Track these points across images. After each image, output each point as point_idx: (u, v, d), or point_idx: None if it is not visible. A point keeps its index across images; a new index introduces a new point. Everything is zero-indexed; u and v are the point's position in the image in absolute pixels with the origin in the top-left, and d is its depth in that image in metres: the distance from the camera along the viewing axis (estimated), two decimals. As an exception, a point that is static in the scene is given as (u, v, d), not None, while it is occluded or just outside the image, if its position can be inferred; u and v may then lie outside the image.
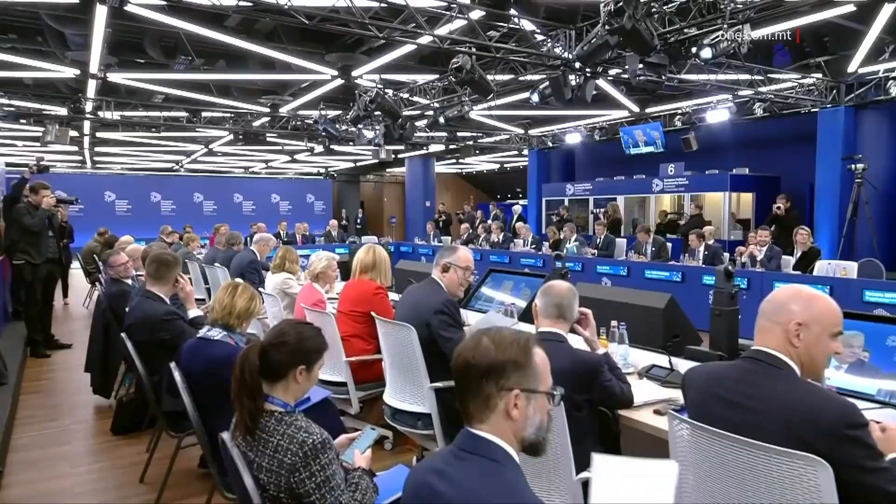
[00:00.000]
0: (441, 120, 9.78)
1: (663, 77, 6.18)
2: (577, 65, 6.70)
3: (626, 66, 6.00)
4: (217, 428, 2.75)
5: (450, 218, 16.96)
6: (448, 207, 19.71)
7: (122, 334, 3.45)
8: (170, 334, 3.40)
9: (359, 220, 21.07)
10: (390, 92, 9.59)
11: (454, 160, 21.08)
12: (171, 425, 3.32)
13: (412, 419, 3.10)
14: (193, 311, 3.67)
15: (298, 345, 1.91)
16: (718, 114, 10.32)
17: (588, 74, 6.81)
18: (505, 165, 22.51)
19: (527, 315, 4.40)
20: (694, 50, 5.74)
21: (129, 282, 5.16)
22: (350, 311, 4.03)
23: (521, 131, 14.67)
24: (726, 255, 8.20)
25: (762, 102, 9.60)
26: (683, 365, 2.95)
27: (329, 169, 24.60)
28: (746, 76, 8.55)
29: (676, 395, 2.64)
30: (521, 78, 8.97)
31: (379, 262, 4.08)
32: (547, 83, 7.71)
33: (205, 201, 22.08)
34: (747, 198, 11.45)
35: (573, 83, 6.87)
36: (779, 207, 8.79)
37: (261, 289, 6.23)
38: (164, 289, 3.61)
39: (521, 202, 23.99)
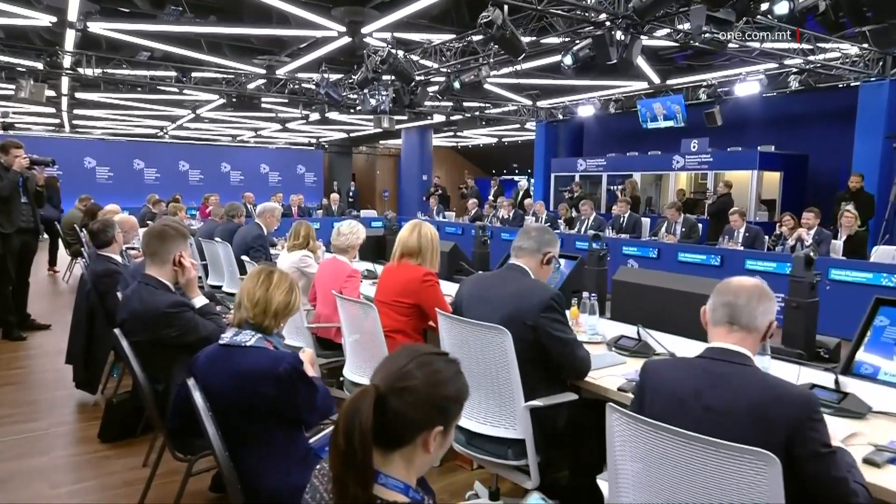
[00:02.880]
0: (456, 85, 8.99)
1: (729, 35, 5.49)
2: (622, 22, 5.97)
3: (688, 23, 5.29)
4: (248, 461, 2.09)
5: (446, 192, 16.23)
6: (443, 181, 18.98)
7: (116, 330, 2.73)
8: (178, 330, 2.68)
9: (351, 193, 20.26)
10: (401, 53, 8.77)
11: (452, 133, 20.27)
12: (177, 444, 2.65)
13: (500, 447, 2.45)
14: (199, 300, 2.93)
15: (433, 391, 1.19)
16: (748, 86, 9.66)
17: (633, 32, 6.08)
18: (503, 140, 21.74)
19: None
20: (765, 6, 5.04)
21: (119, 258, 4.44)
22: (393, 301, 3.35)
23: (530, 102, 13.89)
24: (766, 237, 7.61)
25: (798, 75, 8.94)
26: (853, 385, 2.32)
27: (320, 139, 23.63)
28: (791, 45, 7.84)
29: (859, 427, 2.02)
30: (544, 41, 8.20)
31: (426, 247, 3.39)
32: (583, 43, 7.00)
33: (191, 170, 21.02)
34: (772, 177, 10.85)
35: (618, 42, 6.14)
36: (855, 184, 8.16)
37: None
38: (163, 271, 2.84)
39: (518, 178, 23.33)
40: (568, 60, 7.25)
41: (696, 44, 6.44)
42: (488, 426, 2.50)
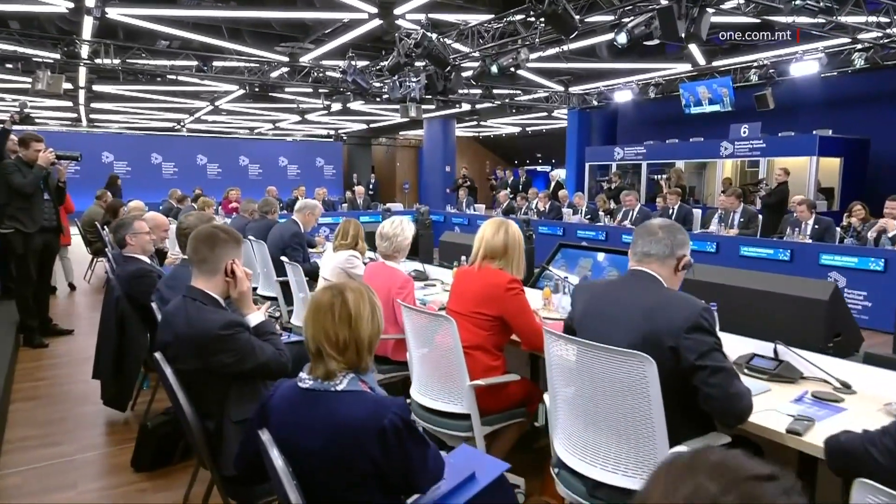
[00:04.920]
0: (494, 69, 8.45)
1: (821, 3, 4.91)
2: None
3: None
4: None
5: (473, 183, 15.68)
6: (469, 173, 18.44)
7: (157, 355, 2.27)
8: (233, 356, 2.21)
9: (371, 186, 19.80)
10: (434, 36, 8.24)
11: (475, 122, 19.69)
12: (231, 490, 2.20)
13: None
14: (254, 317, 2.42)
15: None
16: (805, 66, 9.00)
17: (702, 4, 5.51)
18: (527, 129, 21.11)
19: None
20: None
21: (147, 259, 4.00)
22: (472, 312, 2.87)
23: (562, 88, 13.28)
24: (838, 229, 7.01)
25: (864, 52, 8.27)
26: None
27: (339, 131, 23.18)
28: (867, 17, 7.15)
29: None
30: (589, 19, 7.63)
31: (513, 249, 2.92)
32: (639, 19, 6.44)
33: (209, 164, 20.71)
34: (830, 164, 10.14)
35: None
36: None
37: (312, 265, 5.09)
38: (212, 282, 2.34)
39: (541, 168, 22.75)
40: (622, 39, 6.69)
41: (782, 18, 5.83)
42: (620, 475, 2.01)
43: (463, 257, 5.04)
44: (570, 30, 6.18)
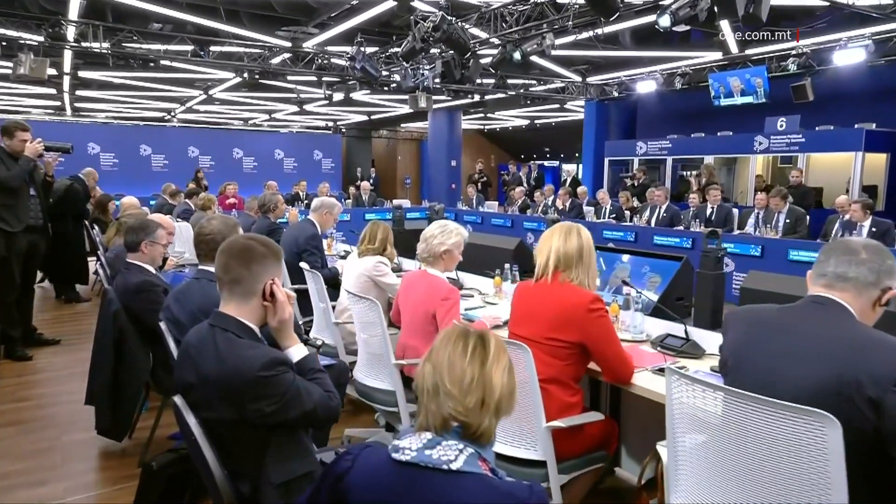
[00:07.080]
0: (517, 56, 7.81)
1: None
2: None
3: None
4: None
5: (489, 179, 15.01)
6: (472, 168, 17.76)
7: (177, 399, 1.66)
8: (275, 403, 1.65)
9: (371, 181, 19.11)
10: (453, 19, 7.58)
11: (481, 114, 19.00)
12: None
13: None
14: (296, 350, 1.85)
15: None
16: (850, 54, 8.40)
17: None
18: (535, 122, 20.46)
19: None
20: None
21: (151, 269, 3.39)
22: (546, 338, 2.32)
23: (579, 78, 12.63)
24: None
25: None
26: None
27: (337, 122, 22.44)
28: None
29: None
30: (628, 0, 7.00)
31: (588, 256, 2.43)
32: (683, 1, 5.82)
33: (201, 156, 19.86)
34: (874, 160, 9.45)
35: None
36: None
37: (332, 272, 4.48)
38: (247, 308, 1.77)
39: (549, 163, 22.15)
40: (664, 21, 6.06)
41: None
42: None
43: (507, 265, 4.47)
44: (612, 11, 5.57)
